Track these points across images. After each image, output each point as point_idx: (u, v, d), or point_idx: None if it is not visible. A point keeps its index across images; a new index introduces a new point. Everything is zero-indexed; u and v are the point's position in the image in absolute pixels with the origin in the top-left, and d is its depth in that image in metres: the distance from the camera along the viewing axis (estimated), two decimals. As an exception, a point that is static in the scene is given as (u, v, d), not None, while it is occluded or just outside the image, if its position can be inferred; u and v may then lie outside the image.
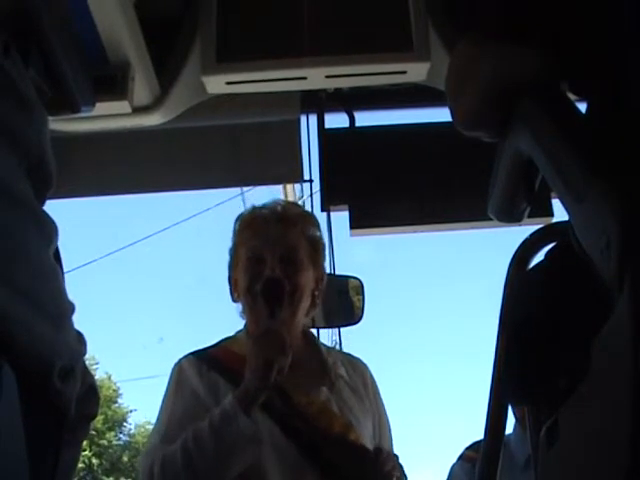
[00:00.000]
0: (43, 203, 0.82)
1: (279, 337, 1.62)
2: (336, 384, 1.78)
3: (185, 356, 1.79)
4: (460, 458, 2.42)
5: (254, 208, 1.86)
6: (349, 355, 1.94)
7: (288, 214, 1.84)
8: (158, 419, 1.74)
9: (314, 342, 1.90)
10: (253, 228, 1.82)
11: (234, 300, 1.85)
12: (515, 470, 2.15)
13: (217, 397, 1.67)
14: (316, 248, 1.85)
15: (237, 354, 1.73)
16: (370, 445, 1.72)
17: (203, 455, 1.57)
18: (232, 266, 1.85)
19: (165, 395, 1.76)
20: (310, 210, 2.58)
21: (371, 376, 1.89)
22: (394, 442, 1.88)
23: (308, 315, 1.87)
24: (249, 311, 1.80)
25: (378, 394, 1.87)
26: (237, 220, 1.87)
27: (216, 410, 1.61)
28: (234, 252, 1.85)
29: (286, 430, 1.66)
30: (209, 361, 1.76)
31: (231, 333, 1.88)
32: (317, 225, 1.90)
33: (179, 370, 1.76)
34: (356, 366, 1.88)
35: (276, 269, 1.74)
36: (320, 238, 1.89)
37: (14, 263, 0.70)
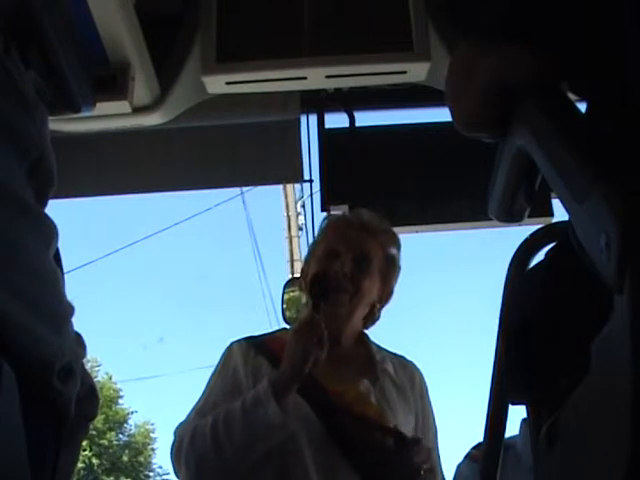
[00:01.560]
0: (45, 204, 0.82)
1: (318, 330, 1.64)
2: (380, 379, 1.79)
3: (238, 340, 1.83)
4: (466, 457, 2.40)
5: (343, 213, 1.95)
6: (402, 357, 1.94)
7: (372, 224, 1.87)
8: (199, 397, 1.78)
9: (366, 341, 1.91)
10: (336, 228, 1.87)
11: (302, 291, 1.89)
12: (522, 471, 2.14)
13: (257, 380, 1.69)
14: (390, 265, 1.86)
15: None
16: None
17: (230, 433, 1.60)
18: (307, 260, 1.90)
19: (210, 375, 1.81)
20: (310, 210, 2.60)
21: (421, 379, 1.89)
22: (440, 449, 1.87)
23: (366, 325, 1.89)
24: (307, 300, 1.83)
25: (426, 397, 1.87)
26: (323, 220, 1.94)
27: (251, 392, 1.64)
28: (314, 247, 1.90)
29: (318, 414, 1.67)
30: (259, 346, 1.80)
31: (231, 333, 1.91)
32: (398, 245, 1.91)
33: (228, 353, 1.81)
34: (406, 367, 1.89)
35: (347, 265, 1.77)
36: (397, 258, 1.90)
37: (13, 264, 0.70)
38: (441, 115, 2.26)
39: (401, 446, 1.64)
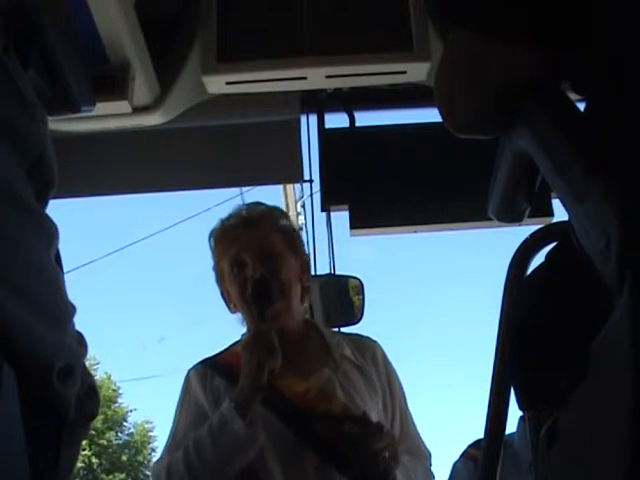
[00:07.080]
0: (46, 204, 0.82)
1: (268, 338, 1.66)
2: (340, 365, 1.80)
3: (195, 365, 1.85)
4: (462, 456, 2.40)
5: (222, 220, 1.92)
6: (356, 335, 1.95)
7: (253, 215, 1.89)
8: (169, 434, 1.81)
9: (316, 327, 1.93)
10: (226, 239, 1.87)
11: (231, 311, 1.90)
12: (520, 470, 2.14)
13: (218, 403, 1.71)
14: (290, 236, 1.89)
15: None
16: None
17: (203, 459, 1.63)
18: (219, 281, 1.90)
19: (176, 406, 1.83)
20: (310, 210, 2.61)
21: (382, 353, 1.90)
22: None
23: (303, 300, 1.91)
24: (247, 317, 1.84)
25: (390, 370, 1.88)
26: (210, 237, 1.92)
27: (215, 415, 1.66)
28: (217, 267, 1.89)
29: (283, 419, 1.69)
30: (214, 367, 1.82)
31: (231, 333, 1.91)
32: (284, 215, 1.97)
33: (187, 383, 1.83)
34: (364, 346, 1.89)
35: (258, 268, 1.78)
36: (291, 226, 1.95)
37: (14, 264, 0.70)
38: (441, 115, 2.26)
39: (366, 431, 1.64)
